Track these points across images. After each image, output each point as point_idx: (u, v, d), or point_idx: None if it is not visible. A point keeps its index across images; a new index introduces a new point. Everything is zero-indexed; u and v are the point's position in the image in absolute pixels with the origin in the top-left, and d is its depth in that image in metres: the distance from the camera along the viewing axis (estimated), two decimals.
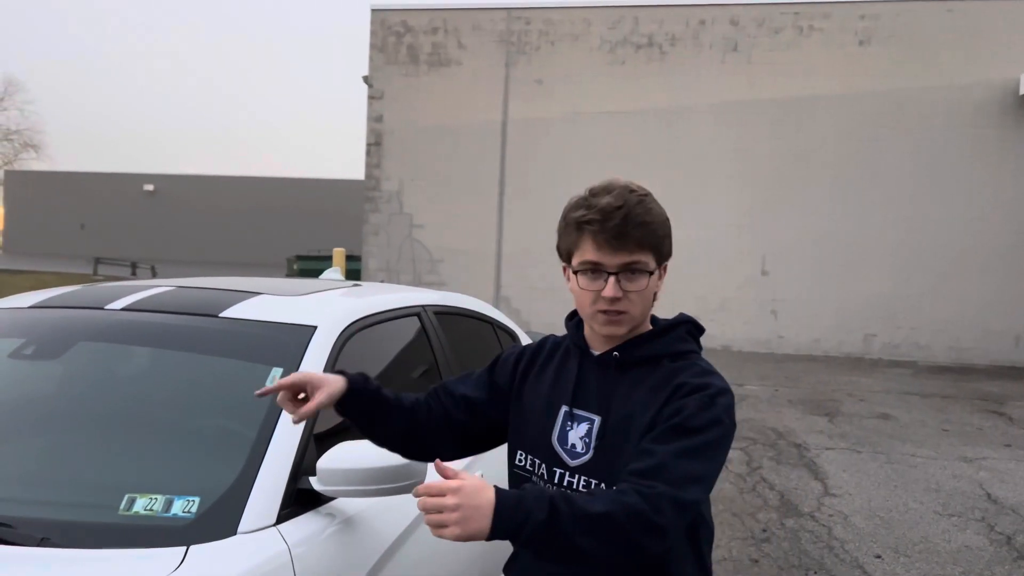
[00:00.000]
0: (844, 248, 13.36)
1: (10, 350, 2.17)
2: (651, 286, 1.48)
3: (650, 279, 1.47)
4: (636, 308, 1.47)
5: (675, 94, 13.82)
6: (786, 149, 13.51)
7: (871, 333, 13.33)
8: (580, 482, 1.48)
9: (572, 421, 1.51)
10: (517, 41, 14.32)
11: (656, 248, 1.48)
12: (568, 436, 1.51)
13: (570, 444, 1.50)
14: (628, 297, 1.45)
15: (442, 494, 1.23)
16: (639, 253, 1.44)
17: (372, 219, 14.89)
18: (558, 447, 1.52)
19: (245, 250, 39.93)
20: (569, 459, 1.50)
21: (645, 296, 1.48)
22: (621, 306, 1.45)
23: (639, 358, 1.50)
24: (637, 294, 1.46)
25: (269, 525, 1.68)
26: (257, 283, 2.66)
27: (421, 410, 1.67)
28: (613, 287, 1.44)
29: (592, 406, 1.50)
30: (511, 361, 1.70)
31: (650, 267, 1.46)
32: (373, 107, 14.81)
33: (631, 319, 1.48)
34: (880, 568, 4.24)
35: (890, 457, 6.56)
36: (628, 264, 1.44)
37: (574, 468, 1.49)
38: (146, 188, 43.66)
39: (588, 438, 1.48)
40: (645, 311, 1.52)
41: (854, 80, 13.26)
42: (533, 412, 1.59)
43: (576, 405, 1.52)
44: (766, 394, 9.44)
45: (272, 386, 1.54)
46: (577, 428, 1.50)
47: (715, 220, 13.54)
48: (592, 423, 1.48)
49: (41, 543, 1.52)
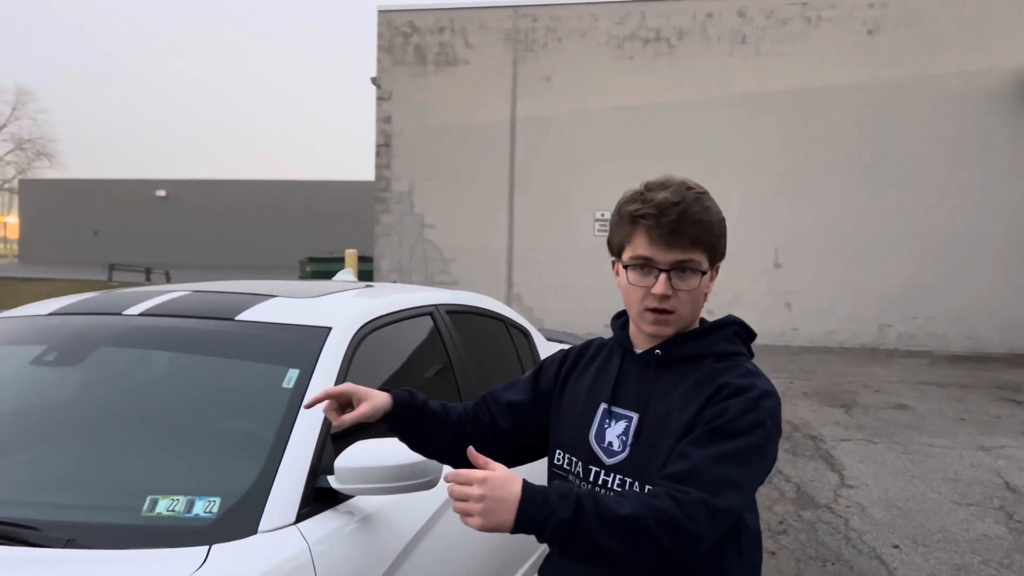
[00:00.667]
0: (857, 238, 13.29)
1: (32, 357, 2.21)
2: (702, 286, 1.45)
3: (702, 279, 1.44)
4: (686, 308, 1.45)
5: (684, 88, 13.79)
6: (796, 140, 13.46)
7: (886, 323, 13.26)
8: (615, 481, 1.45)
9: (610, 419, 1.49)
10: (524, 39, 14.32)
11: (711, 247, 1.45)
12: (606, 434, 1.49)
13: (607, 442, 1.48)
14: (678, 296, 1.43)
15: (469, 483, 1.24)
16: (692, 251, 1.42)
17: (383, 220, 14.94)
18: (595, 445, 1.50)
19: (258, 253, 40.12)
20: (605, 457, 1.48)
21: (695, 296, 1.45)
22: (670, 304, 1.43)
23: (681, 356, 1.47)
24: (688, 293, 1.43)
25: (289, 524, 1.71)
26: (272, 286, 2.69)
27: (468, 421, 1.67)
28: (664, 284, 1.41)
29: (631, 404, 1.48)
30: (555, 364, 1.70)
31: (703, 267, 1.44)
32: (382, 108, 14.85)
33: (679, 319, 1.46)
34: (898, 558, 4.23)
35: (907, 447, 6.54)
36: (681, 262, 1.42)
37: (610, 467, 1.47)
38: (158, 194, 43.93)
39: (625, 436, 1.46)
40: (695, 312, 1.49)
41: (864, 70, 13.18)
42: (572, 410, 1.58)
43: (615, 403, 1.50)
44: (781, 386, 9.40)
45: (319, 395, 1.57)
46: (615, 426, 1.48)
47: (726, 213, 13.07)
48: (630, 421, 1.46)
49: (67, 545, 1.55)
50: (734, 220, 12.61)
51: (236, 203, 42.32)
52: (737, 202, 13.60)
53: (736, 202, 13.60)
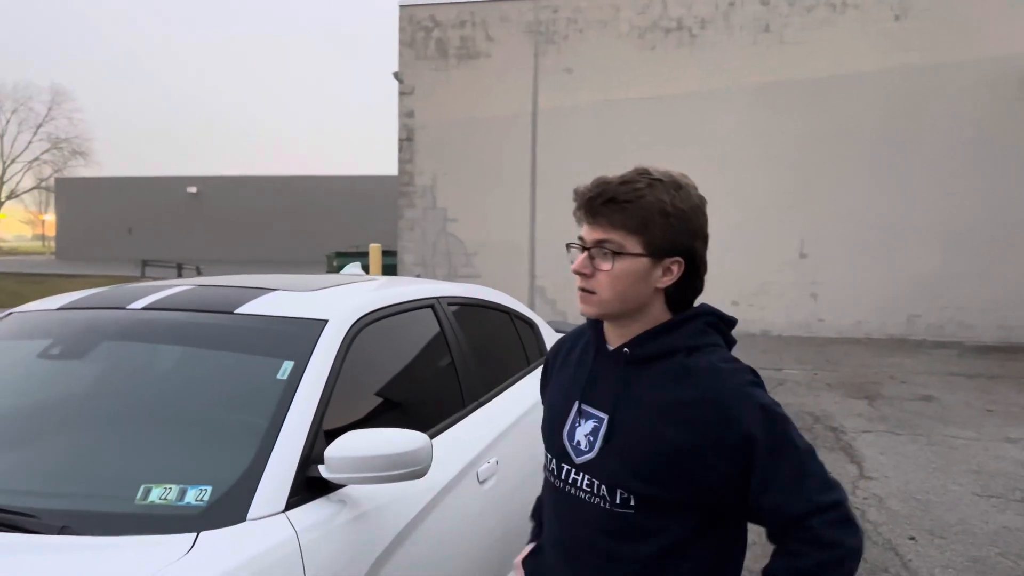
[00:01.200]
0: (886, 228, 13.10)
1: (39, 350, 2.27)
2: (627, 271, 1.41)
3: (625, 263, 1.40)
4: (605, 291, 1.42)
5: (707, 78, 13.67)
6: (823, 129, 13.29)
7: (915, 314, 13.07)
8: (584, 480, 1.45)
9: (581, 417, 1.48)
10: (545, 31, 14.29)
11: (640, 232, 1.40)
12: (576, 432, 1.48)
13: (576, 440, 1.48)
14: (597, 277, 1.42)
15: None
16: (613, 232, 1.40)
17: (407, 214, 15.02)
18: (567, 442, 1.49)
19: (287, 248, 40.56)
20: (574, 456, 1.47)
21: (616, 279, 1.41)
22: (588, 284, 1.43)
23: (651, 354, 1.44)
24: (605, 275, 1.41)
25: (278, 512, 1.74)
26: (274, 280, 2.73)
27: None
28: (580, 261, 1.43)
29: (601, 404, 1.46)
30: (547, 360, 1.73)
31: (627, 249, 1.40)
32: (404, 103, 14.92)
33: (599, 301, 1.43)
34: (913, 550, 4.19)
35: (931, 439, 6.45)
36: (600, 241, 1.41)
37: (579, 466, 1.46)
38: (189, 191, 44.60)
39: (593, 437, 1.45)
40: (621, 298, 1.43)
41: (891, 56, 12.97)
42: (553, 406, 1.58)
43: (586, 401, 1.49)
44: (804, 378, 9.33)
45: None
46: (584, 425, 1.47)
47: (751, 204, 13.38)
48: (599, 422, 1.45)
49: (61, 532, 1.60)
50: (757, 211, 12.48)
51: (265, 199, 42.81)
52: (761, 192, 13.48)
53: (760, 193, 13.48)
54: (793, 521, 1.34)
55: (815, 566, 1.32)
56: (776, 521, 1.37)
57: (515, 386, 3.19)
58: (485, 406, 2.85)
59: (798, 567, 1.33)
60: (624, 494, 1.40)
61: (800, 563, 1.33)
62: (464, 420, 2.65)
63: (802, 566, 1.33)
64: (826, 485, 1.36)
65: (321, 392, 2.03)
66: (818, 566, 1.32)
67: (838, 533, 1.33)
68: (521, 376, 3.31)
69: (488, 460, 2.60)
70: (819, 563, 1.32)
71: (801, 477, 1.35)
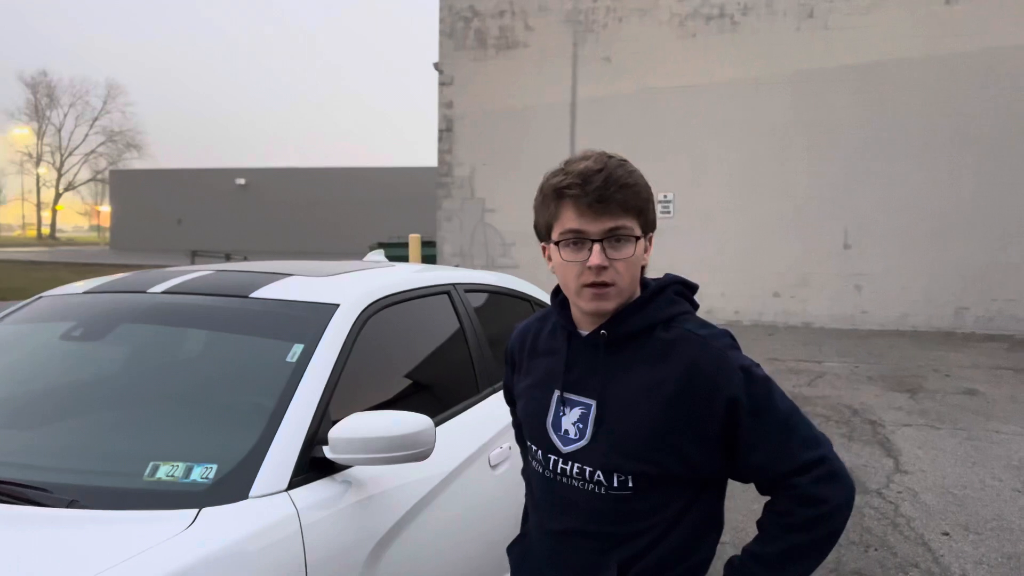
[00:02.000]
0: (933, 218, 12.76)
1: (61, 332, 2.35)
2: (638, 255, 1.39)
3: (636, 246, 1.38)
4: (624, 280, 1.38)
5: (749, 65, 13.45)
6: (868, 117, 12.98)
7: (963, 306, 12.72)
8: (574, 468, 1.44)
9: (564, 406, 1.46)
10: (584, 20, 14.20)
11: (641, 213, 1.39)
12: (562, 422, 1.46)
13: (563, 430, 1.46)
14: (615, 267, 1.36)
15: None
16: (624, 218, 1.36)
17: (445, 205, 15.10)
18: (552, 433, 1.48)
19: (331, 239, 41.04)
20: (562, 445, 1.46)
21: (632, 265, 1.39)
22: (608, 277, 1.36)
23: (629, 333, 1.42)
24: (624, 263, 1.37)
25: (280, 490, 1.78)
26: (292, 266, 2.78)
27: None
28: (599, 255, 1.34)
29: (586, 390, 1.44)
30: (510, 352, 1.69)
31: (636, 232, 1.38)
32: (444, 93, 14.97)
33: (619, 292, 1.39)
34: (946, 545, 4.10)
35: (971, 433, 6.29)
36: (613, 230, 1.35)
37: (567, 455, 1.45)
38: (238, 182, 45.40)
39: (582, 424, 1.43)
40: (633, 284, 1.42)
41: (940, 41, 12.60)
42: (532, 398, 1.54)
43: (567, 389, 1.46)
44: (845, 371, 9.16)
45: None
46: (570, 413, 1.45)
47: (794, 193, 13.15)
48: (587, 408, 1.43)
49: (70, 505, 1.65)
50: (800, 201, 12.25)
51: (310, 190, 43.38)
52: (804, 182, 13.24)
53: (803, 182, 13.24)
54: (780, 478, 1.39)
55: (804, 522, 1.36)
56: (764, 480, 1.42)
57: None
58: (501, 392, 2.86)
59: (788, 524, 1.38)
60: (621, 476, 1.40)
61: (789, 520, 1.38)
62: (477, 405, 2.66)
63: (791, 523, 1.37)
64: (811, 442, 1.39)
65: (329, 375, 2.06)
66: (807, 522, 1.36)
67: (824, 489, 1.36)
68: None
69: (501, 445, 2.61)
70: (807, 519, 1.36)
71: (786, 436, 1.38)
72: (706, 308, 13.32)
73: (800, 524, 1.37)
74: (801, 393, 7.83)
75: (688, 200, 13.49)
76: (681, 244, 12.92)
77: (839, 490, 1.38)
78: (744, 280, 13.17)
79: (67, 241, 73.42)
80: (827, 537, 1.38)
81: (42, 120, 72.43)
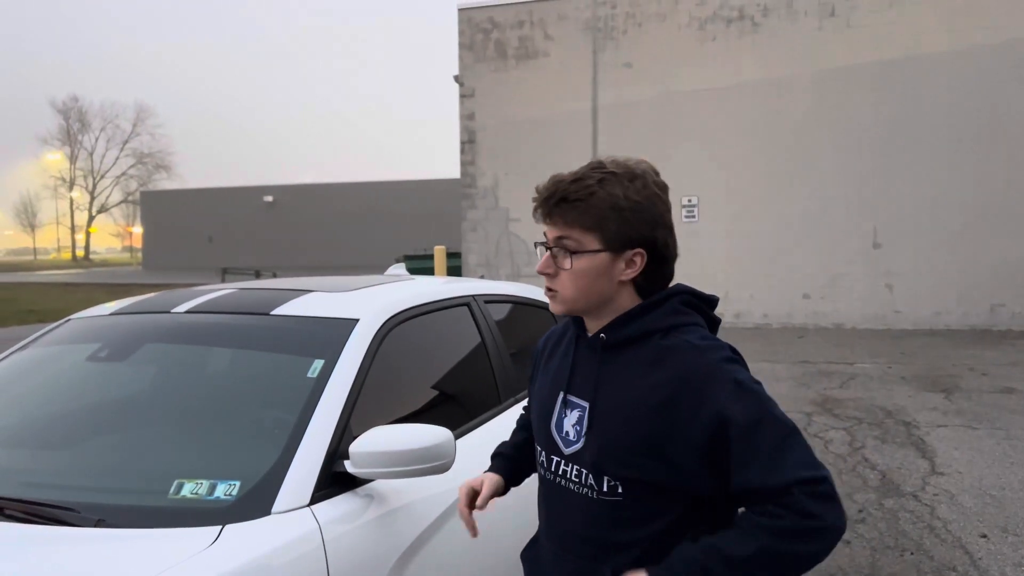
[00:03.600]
0: (965, 214, 12.56)
1: (88, 354, 2.39)
2: (587, 268, 1.41)
3: (584, 260, 1.41)
4: (568, 289, 1.43)
5: (771, 66, 13.36)
6: (894, 114, 12.82)
7: (999, 303, 12.49)
8: (573, 471, 1.45)
9: (567, 408, 1.48)
10: (604, 27, 14.21)
11: (596, 229, 1.40)
12: (563, 423, 1.48)
13: (564, 431, 1.47)
14: (559, 276, 1.44)
15: None
16: (569, 230, 1.41)
17: (469, 216, 15.15)
18: (555, 434, 1.50)
19: (359, 253, 41.35)
20: (563, 447, 1.47)
21: (577, 276, 1.42)
22: (552, 284, 1.45)
23: (626, 337, 1.43)
24: (566, 273, 1.42)
25: (303, 506, 1.79)
26: (313, 282, 2.81)
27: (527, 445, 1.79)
28: (544, 261, 1.46)
29: (583, 392, 1.46)
30: (534, 355, 1.73)
31: (585, 246, 1.41)
32: (465, 105, 15.04)
33: (563, 300, 1.45)
34: (984, 548, 4.02)
35: (1009, 433, 6.17)
36: (559, 238, 1.43)
37: (568, 456, 1.46)
38: (266, 199, 45.94)
39: (579, 426, 1.44)
40: (585, 295, 1.43)
41: (966, 35, 12.42)
42: (541, 399, 1.58)
43: (570, 391, 1.49)
44: (877, 372, 9.03)
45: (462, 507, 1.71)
46: (571, 415, 1.47)
47: (821, 193, 13.02)
48: (583, 410, 1.45)
49: (96, 524, 1.68)
50: (828, 200, 12.15)
51: (337, 205, 43.79)
52: (832, 182, 13.10)
53: (830, 182, 13.10)
54: (774, 493, 1.28)
55: (793, 529, 1.26)
56: (758, 499, 1.31)
57: None
58: (522, 402, 2.86)
59: (774, 527, 1.27)
60: (611, 481, 1.40)
61: (778, 524, 1.27)
62: (499, 417, 2.66)
63: (779, 527, 1.27)
64: (809, 464, 1.30)
65: (349, 389, 2.08)
66: (796, 530, 1.26)
67: (819, 506, 1.27)
68: None
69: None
70: (798, 528, 1.26)
71: (780, 453, 1.29)
72: (734, 311, 13.28)
73: (788, 530, 1.26)
74: (833, 395, 7.73)
75: (713, 203, 13.39)
76: (708, 247, 12.84)
77: (835, 512, 1.28)
78: (773, 282, 13.04)
79: (101, 262, 74.76)
80: (808, 556, 1.28)
81: (74, 145, 74.04)
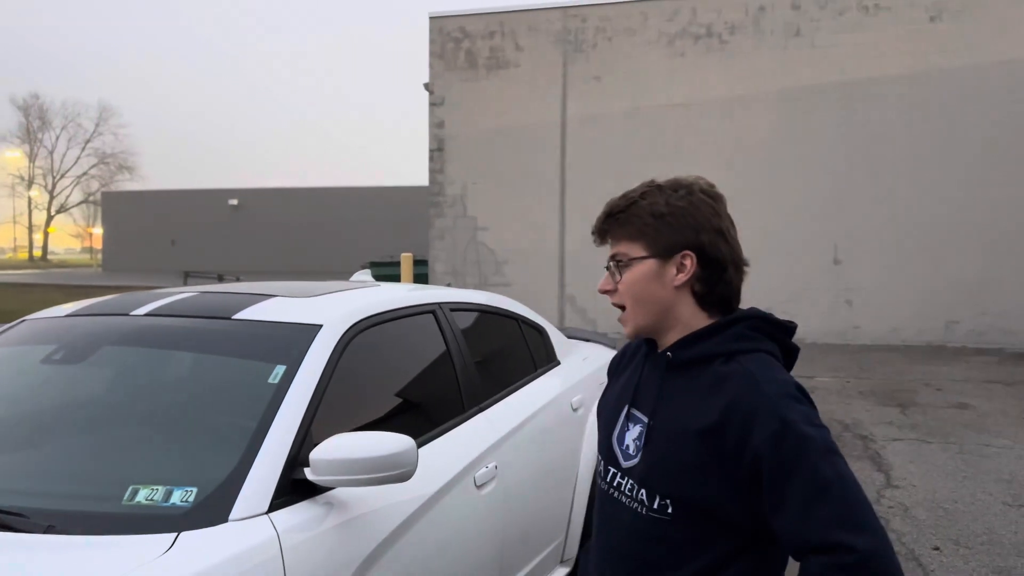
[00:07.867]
0: (923, 232, 12.83)
1: (42, 356, 2.34)
2: (637, 276, 1.44)
3: (634, 269, 1.44)
4: (627, 299, 1.47)
5: (737, 83, 13.56)
6: (856, 133, 13.08)
7: (954, 320, 12.77)
8: (627, 485, 1.44)
9: (630, 422, 1.48)
10: (574, 39, 14.31)
11: (639, 237, 1.44)
12: (625, 436, 1.48)
13: (625, 444, 1.47)
14: (618, 289, 1.48)
15: None
16: (619, 245, 1.48)
17: (437, 223, 15.12)
18: (616, 446, 1.50)
19: (324, 258, 41.02)
20: (623, 460, 1.47)
21: (630, 285, 1.45)
22: (615, 300, 1.49)
23: (690, 358, 1.42)
24: (625, 286, 1.46)
25: (261, 513, 1.77)
26: (276, 287, 2.78)
27: None
28: (603, 279, 1.50)
29: (645, 408, 1.46)
30: (609, 367, 1.74)
31: (634, 254, 1.44)
32: (435, 113, 15.03)
33: (630, 316, 1.47)
34: (937, 560, 4.09)
35: (962, 447, 6.30)
36: (613, 255, 1.49)
37: (625, 470, 1.46)
38: (231, 203, 45.40)
39: (639, 440, 1.44)
40: (642, 304, 1.45)
41: (926, 59, 12.73)
42: (607, 410, 1.59)
43: (635, 405, 1.49)
44: (836, 386, 9.17)
45: None
46: (632, 429, 1.47)
47: (783, 210, 13.22)
48: (644, 425, 1.44)
49: (47, 531, 1.64)
50: (790, 217, 12.30)
51: (302, 210, 43.42)
52: (793, 198, 13.31)
53: (792, 198, 13.31)
54: (807, 549, 1.23)
55: None
56: (791, 547, 1.27)
57: (521, 391, 3.19)
58: (487, 411, 2.85)
59: None
60: (661, 500, 1.38)
61: None
62: (462, 425, 2.65)
63: None
64: (845, 522, 1.20)
65: (311, 396, 2.06)
66: None
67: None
68: (528, 381, 3.31)
69: (487, 465, 2.60)
70: None
71: (813, 504, 1.22)
72: None
73: None
74: None
75: None
76: None
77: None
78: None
79: (59, 263, 73.20)
80: None
81: (34, 143, 72.46)
